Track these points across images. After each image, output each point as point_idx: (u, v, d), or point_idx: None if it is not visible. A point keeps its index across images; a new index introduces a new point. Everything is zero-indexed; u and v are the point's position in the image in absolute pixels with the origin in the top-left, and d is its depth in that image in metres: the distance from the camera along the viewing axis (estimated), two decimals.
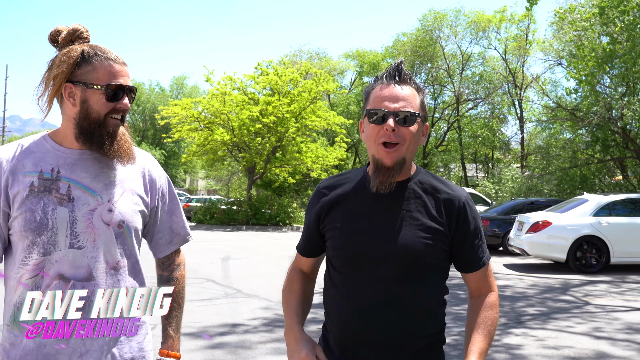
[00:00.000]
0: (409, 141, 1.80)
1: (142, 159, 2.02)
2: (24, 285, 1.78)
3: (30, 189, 1.80)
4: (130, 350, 1.92)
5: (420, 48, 37.41)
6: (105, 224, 1.84)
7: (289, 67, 30.43)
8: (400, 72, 1.84)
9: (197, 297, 8.88)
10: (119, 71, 1.87)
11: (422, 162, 38.30)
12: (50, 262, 1.78)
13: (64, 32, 1.91)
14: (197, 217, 31.69)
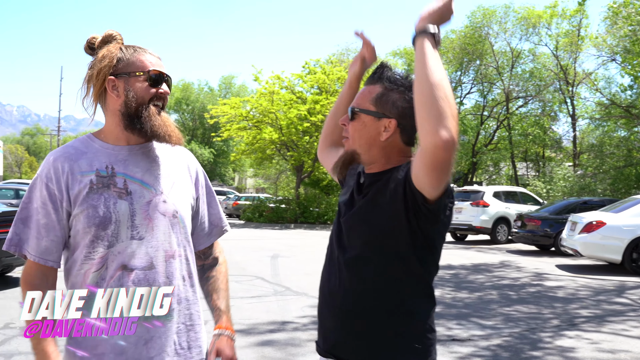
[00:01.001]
0: (353, 135, 1.96)
1: (183, 153, 2.12)
2: (88, 280, 1.85)
3: (90, 187, 1.87)
4: (187, 339, 1.98)
5: (469, 45, 36.95)
6: (161, 215, 1.92)
7: (336, 65, 30.43)
8: (373, 74, 2.00)
9: (246, 294, 8.96)
10: (157, 61, 1.98)
11: (471, 160, 37.86)
12: (113, 254, 1.85)
13: (99, 38, 1.99)
14: (246, 215, 31.98)
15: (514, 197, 20.74)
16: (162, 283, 1.88)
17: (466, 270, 12.47)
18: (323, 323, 2.07)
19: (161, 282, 1.88)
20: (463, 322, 7.43)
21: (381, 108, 1.92)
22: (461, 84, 39.78)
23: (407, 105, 1.90)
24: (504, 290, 10.04)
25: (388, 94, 1.93)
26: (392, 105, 1.92)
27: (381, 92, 1.93)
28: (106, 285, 1.82)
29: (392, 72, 1.97)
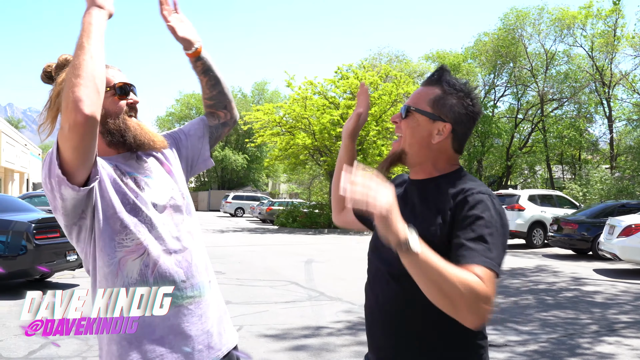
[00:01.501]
0: (405, 134, 1.92)
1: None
2: (127, 271, 1.87)
3: (113, 178, 1.93)
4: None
5: (502, 48, 36.61)
6: (169, 203, 2.02)
7: (369, 70, 30.42)
8: (430, 76, 1.97)
9: (281, 299, 8.99)
10: (118, 73, 2.04)
11: (506, 164, 37.47)
12: (150, 240, 1.90)
13: (54, 64, 2.04)
14: (280, 221, 32.09)
15: (549, 201, 20.47)
16: (196, 263, 2.02)
17: (502, 275, 12.32)
18: (374, 341, 1.98)
19: (196, 262, 2.02)
20: (499, 327, 7.36)
21: (438, 110, 1.89)
22: (495, 87, 39.42)
23: (464, 112, 1.89)
24: (541, 295, 9.91)
25: (446, 97, 1.90)
26: (449, 110, 1.89)
27: (439, 95, 1.90)
28: (155, 273, 1.89)
29: (451, 77, 1.94)
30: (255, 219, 41.05)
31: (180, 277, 1.93)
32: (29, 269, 9.16)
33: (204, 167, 2.34)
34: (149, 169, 2.07)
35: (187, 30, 2.20)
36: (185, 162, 2.26)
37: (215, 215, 48.52)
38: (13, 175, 45.64)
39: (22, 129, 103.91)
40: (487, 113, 37.73)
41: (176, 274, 1.93)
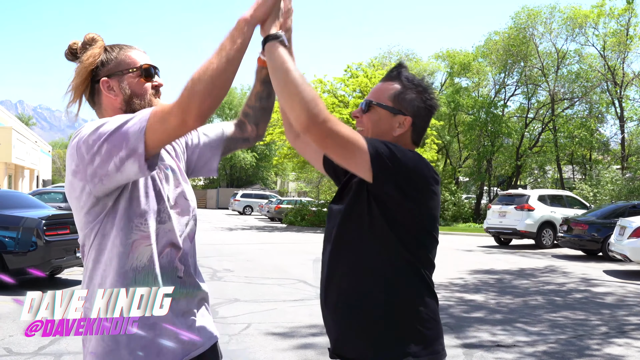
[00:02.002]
0: (367, 127, 2.01)
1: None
2: (133, 260, 1.86)
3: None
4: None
5: (513, 47, 36.40)
6: (179, 201, 2.01)
7: (379, 69, 30.34)
8: (389, 72, 2.07)
9: (289, 297, 9.00)
10: (144, 55, 2.04)
11: (515, 163, 37.31)
12: (164, 231, 1.91)
13: (79, 42, 2.02)
14: (288, 219, 32.12)
15: (559, 201, 20.38)
16: (193, 262, 2.03)
17: (510, 275, 12.29)
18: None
19: (193, 261, 2.04)
20: (508, 327, 7.33)
21: (398, 105, 2.00)
22: (505, 86, 39.21)
23: (423, 106, 2.02)
24: (550, 295, 9.87)
25: (406, 92, 2.01)
26: (409, 104, 2.00)
27: (400, 90, 2.01)
28: (156, 268, 1.87)
29: (409, 73, 2.05)
30: (263, 217, 41.11)
31: (179, 273, 1.94)
32: (39, 265, 9.21)
33: (205, 175, 2.31)
34: (168, 160, 2.06)
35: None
36: (187, 164, 2.21)
37: (223, 213, 48.63)
38: (23, 171, 45.89)
39: (32, 126, 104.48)
40: (497, 112, 37.58)
41: (179, 268, 1.95)
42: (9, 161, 35.74)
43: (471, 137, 37.74)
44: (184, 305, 1.93)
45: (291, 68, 1.75)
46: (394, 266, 1.89)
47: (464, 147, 40.97)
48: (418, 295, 1.92)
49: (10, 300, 8.51)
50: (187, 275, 1.97)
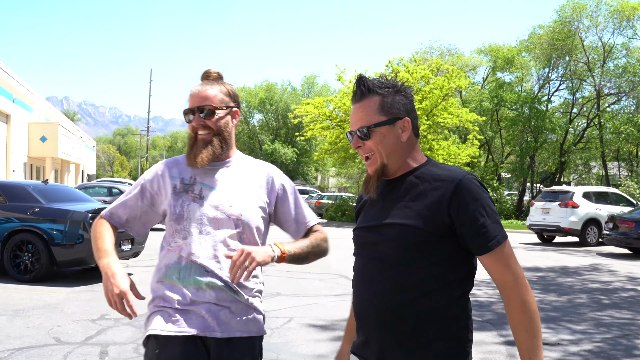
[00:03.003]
0: (377, 150, 1.98)
1: (265, 168, 2.50)
2: (167, 260, 2.33)
3: (173, 190, 2.36)
4: (221, 317, 2.31)
5: (558, 41, 35.77)
6: (226, 217, 2.30)
7: (420, 64, 30.12)
8: (356, 91, 2.01)
9: (330, 292, 9.03)
10: (191, 97, 2.38)
11: (559, 159, 36.73)
12: (186, 244, 2.28)
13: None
14: (329, 214, 32.17)
15: (605, 198, 19.97)
16: (223, 273, 2.25)
17: (554, 273, 12.12)
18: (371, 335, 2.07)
19: (222, 271, 2.26)
20: (552, 325, 7.24)
21: (390, 113, 1.98)
22: (549, 81, 38.59)
23: (408, 100, 2.01)
24: (595, 294, 9.70)
25: (387, 98, 1.99)
26: (397, 106, 1.99)
27: (382, 100, 1.98)
28: (185, 261, 2.26)
29: (373, 79, 2.02)
30: None
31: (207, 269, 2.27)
32: (85, 257, 9.41)
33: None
34: (226, 179, 2.40)
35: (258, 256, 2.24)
36: (273, 213, 2.54)
37: None
38: (69, 166, 46.86)
39: (77, 122, 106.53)
40: (540, 108, 37.01)
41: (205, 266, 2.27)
42: (56, 156, 36.51)
43: (514, 133, 37.26)
44: (203, 295, 2.26)
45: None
46: (445, 278, 1.90)
47: (506, 143, 40.44)
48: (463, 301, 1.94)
49: (59, 291, 8.73)
50: (212, 272, 2.27)
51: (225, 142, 2.39)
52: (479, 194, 1.85)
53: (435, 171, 1.95)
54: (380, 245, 1.95)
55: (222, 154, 2.39)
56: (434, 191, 1.88)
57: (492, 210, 1.86)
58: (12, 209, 9.73)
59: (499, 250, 1.84)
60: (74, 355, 5.55)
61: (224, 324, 2.24)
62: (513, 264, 1.85)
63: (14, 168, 31.28)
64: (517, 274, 1.84)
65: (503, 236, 1.85)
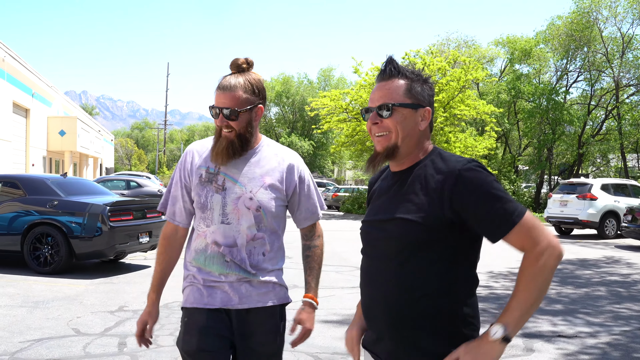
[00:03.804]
0: (395, 129, 1.97)
1: (288, 157, 2.64)
2: (196, 244, 2.56)
3: (199, 179, 2.53)
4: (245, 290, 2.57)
5: (576, 32, 35.37)
6: (246, 208, 2.48)
7: (437, 56, 29.98)
8: (385, 69, 2.02)
9: (347, 284, 9.05)
10: (217, 96, 2.47)
11: (577, 152, 36.42)
12: (210, 232, 2.50)
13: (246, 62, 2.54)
14: (345, 207, 32.18)
15: (623, 190, 19.79)
16: (244, 257, 2.48)
17: (572, 265, 12.05)
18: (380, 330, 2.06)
19: (243, 256, 2.48)
20: (569, 317, 7.21)
21: (415, 99, 1.99)
22: (567, 73, 38.20)
23: (431, 93, 2.04)
24: (613, 286, 9.64)
25: (414, 84, 2.00)
26: (422, 94, 2.01)
27: (409, 84, 1.99)
28: (210, 249, 2.49)
29: (401, 65, 2.02)
30: None
31: (226, 258, 2.50)
32: (104, 250, 9.50)
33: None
34: (248, 170, 2.54)
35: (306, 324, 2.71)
36: (288, 199, 2.75)
37: None
38: (87, 160, 47.22)
39: (95, 116, 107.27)
40: (558, 100, 36.69)
41: (225, 254, 2.50)
42: (74, 150, 36.81)
43: (531, 125, 36.96)
44: (225, 277, 2.50)
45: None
46: (451, 273, 1.90)
47: (524, 135, 40.14)
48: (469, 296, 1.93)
49: (78, 283, 8.82)
50: (232, 260, 2.49)
51: (246, 140, 2.50)
52: (480, 181, 1.82)
53: (437, 163, 1.94)
54: (384, 242, 1.96)
55: (244, 150, 2.51)
56: (436, 185, 1.87)
57: (499, 193, 1.81)
58: (31, 202, 9.85)
59: (516, 230, 1.79)
60: (92, 346, 5.62)
61: (245, 297, 2.49)
62: (535, 235, 1.79)
63: (33, 162, 31.59)
64: (540, 242, 1.78)
65: (519, 214, 1.80)
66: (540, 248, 1.78)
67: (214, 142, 2.52)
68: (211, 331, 2.46)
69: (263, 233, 2.52)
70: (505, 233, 1.80)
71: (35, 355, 5.29)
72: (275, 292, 2.58)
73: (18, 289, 8.28)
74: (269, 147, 2.61)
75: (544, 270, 1.76)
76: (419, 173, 1.95)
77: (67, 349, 5.49)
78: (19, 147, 29.58)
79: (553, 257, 1.78)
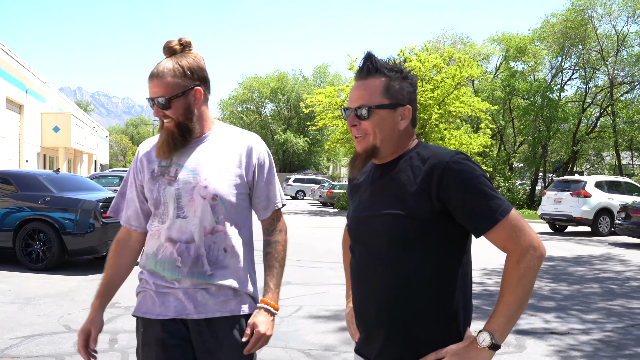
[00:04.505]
0: (373, 132, 1.91)
1: (244, 141, 2.38)
2: (148, 246, 2.36)
3: (151, 174, 2.33)
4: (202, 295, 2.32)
5: (571, 29, 35.40)
6: (202, 198, 2.25)
7: (432, 53, 29.96)
8: (363, 67, 1.94)
9: (340, 281, 9.03)
10: (149, 86, 2.28)
11: (572, 149, 36.48)
12: (164, 229, 2.28)
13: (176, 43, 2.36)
14: (340, 204, 32.19)
15: (617, 188, 19.82)
16: (202, 254, 2.25)
17: (566, 262, 12.06)
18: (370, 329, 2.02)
19: (200, 252, 2.25)
20: (562, 314, 7.21)
21: (394, 98, 1.92)
22: (562, 70, 38.23)
23: (412, 89, 1.96)
24: (607, 283, 9.65)
25: (393, 83, 1.92)
26: (402, 92, 1.93)
27: (388, 83, 1.92)
28: (161, 252, 2.28)
29: (383, 61, 1.95)
30: (315, 202, 41.29)
31: (177, 263, 2.27)
32: (96, 246, 9.47)
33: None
34: (201, 158, 2.32)
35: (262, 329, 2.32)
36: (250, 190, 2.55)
37: None
38: (82, 156, 47.10)
39: (90, 112, 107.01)
40: (553, 97, 36.72)
41: (177, 259, 2.27)
42: (69, 146, 36.72)
43: (526, 122, 37.00)
44: (177, 284, 2.28)
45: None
46: (444, 266, 1.87)
47: (518, 133, 40.18)
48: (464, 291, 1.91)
49: (70, 279, 8.78)
50: (185, 265, 2.26)
51: (187, 128, 2.29)
52: (467, 173, 1.77)
53: (423, 154, 1.89)
54: (372, 239, 1.91)
55: (187, 139, 2.30)
56: (421, 176, 1.82)
57: (485, 188, 1.77)
58: (23, 198, 9.80)
59: (498, 228, 1.75)
60: None
61: (200, 305, 2.25)
62: (517, 235, 1.76)
63: (27, 158, 31.49)
64: (521, 243, 1.75)
65: (502, 212, 1.76)
66: (521, 249, 1.75)
67: (159, 134, 2.34)
68: (169, 342, 2.26)
69: (223, 226, 2.29)
70: (487, 230, 1.77)
71: (25, 352, 5.26)
72: (238, 300, 2.32)
73: (10, 285, 8.24)
74: (223, 131, 2.40)
75: (527, 273, 1.74)
76: (404, 165, 1.90)
77: (58, 346, 5.46)
78: (12, 143, 29.47)
79: (535, 258, 1.75)
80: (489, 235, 1.78)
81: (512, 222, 1.76)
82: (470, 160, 1.82)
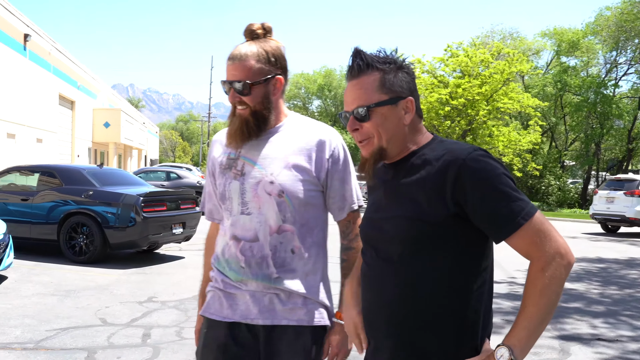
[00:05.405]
0: (377, 133, 1.76)
1: (318, 135, 2.19)
2: (218, 244, 2.26)
3: (220, 167, 2.22)
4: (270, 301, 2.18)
5: (627, 22, 34.35)
6: (267, 194, 2.10)
7: (480, 48, 29.43)
8: (352, 65, 1.78)
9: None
10: (227, 68, 2.13)
11: (627, 147, 35.45)
12: (229, 226, 2.17)
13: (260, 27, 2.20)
14: None
15: None
16: (266, 254, 2.10)
17: (617, 265, 11.64)
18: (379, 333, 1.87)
19: (265, 253, 2.10)
20: (611, 320, 6.90)
21: (392, 92, 1.75)
22: (617, 65, 37.19)
23: (410, 78, 1.80)
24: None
25: (389, 75, 1.76)
26: (400, 84, 1.76)
27: (382, 77, 1.75)
28: (227, 251, 2.16)
29: (373, 54, 1.78)
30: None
31: (241, 264, 2.14)
32: (137, 240, 9.52)
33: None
34: (269, 152, 2.18)
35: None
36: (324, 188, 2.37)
37: None
38: (131, 151, 47.92)
39: (141, 108, 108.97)
40: (607, 93, 35.74)
41: (240, 259, 2.14)
42: (118, 141, 37.35)
43: (578, 119, 36.14)
44: (244, 286, 2.15)
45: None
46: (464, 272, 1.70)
47: (570, 130, 39.27)
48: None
49: (110, 272, 8.85)
50: (248, 265, 2.12)
51: (263, 117, 2.14)
52: (486, 172, 1.60)
53: (438, 151, 1.71)
54: (383, 243, 1.75)
55: (262, 129, 2.16)
56: (436, 175, 1.65)
57: (506, 189, 1.60)
58: (68, 192, 9.93)
59: (521, 233, 1.58)
60: (117, 336, 5.58)
61: (267, 311, 2.11)
62: (542, 240, 1.58)
63: (78, 153, 32.17)
64: (546, 249, 1.57)
65: (525, 215, 1.58)
66: (547, 256, 1.57)
67: (229, 122, 2.19)
68: (230, 348, 2.14)
69: (291, 225, 2.12)
70: (508, 235, 1.60)
71: (59, 344, 5.27)
72: (307, 310, 2.15)
73: (52, 277, 8.34)
74: (296, 122, 2.23)
75: (552, 283, 1.55)
76: (417, 163, 1.73)
77: (92, 339, 5.46)
78: (64, 139, 30.13)
79: (561, 267, 1.57)
80: (511, 241, 1.61)
81: (536, 226, 1.58)
82: (491, 156, 1.64)
